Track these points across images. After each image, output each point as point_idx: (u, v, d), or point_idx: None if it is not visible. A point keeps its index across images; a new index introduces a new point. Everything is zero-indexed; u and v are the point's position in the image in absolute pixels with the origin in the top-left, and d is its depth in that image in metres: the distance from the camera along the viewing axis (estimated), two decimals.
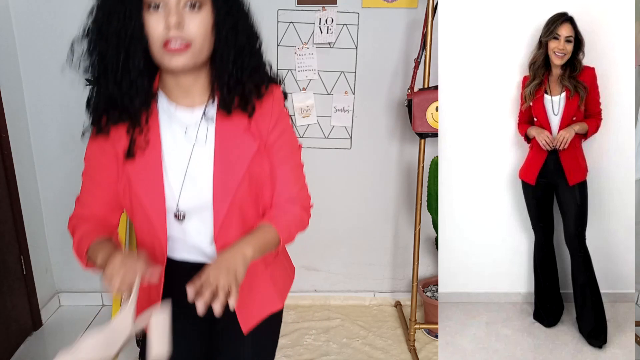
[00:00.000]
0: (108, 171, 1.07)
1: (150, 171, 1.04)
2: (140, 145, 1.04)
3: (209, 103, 1.07)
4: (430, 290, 2.59)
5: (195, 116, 1.07)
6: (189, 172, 1.06)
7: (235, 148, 1.06)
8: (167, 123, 1.07)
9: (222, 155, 1.06)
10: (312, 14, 2.35)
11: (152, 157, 1.04)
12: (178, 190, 1.05)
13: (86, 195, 1.12)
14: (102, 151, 1.07)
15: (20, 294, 2.39)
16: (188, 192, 1.05)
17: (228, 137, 1.06)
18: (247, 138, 1.06)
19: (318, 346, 2.39)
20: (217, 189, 1.05)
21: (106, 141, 1.05)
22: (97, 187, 1.10)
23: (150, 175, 1.04)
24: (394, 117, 2.52)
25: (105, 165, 1.07)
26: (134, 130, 1.03)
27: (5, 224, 2.27)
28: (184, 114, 1.07)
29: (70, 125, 2.43)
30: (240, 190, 1.06)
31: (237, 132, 1.06)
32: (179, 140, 1.06)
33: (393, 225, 2.70)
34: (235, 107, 1.05)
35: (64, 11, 2.30)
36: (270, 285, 1.21)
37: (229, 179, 1.05)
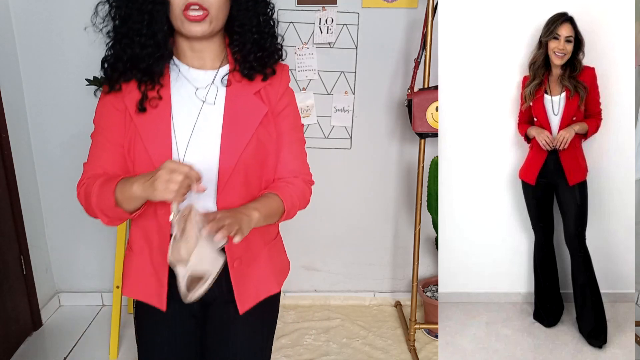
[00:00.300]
0: (118, 130, 1.09)
1: (159, 125, 1.07)
2: (152, 100, 1.07)
3: (222, 67, 1.12)
4: (430, 290, 2.59)
5: (206, 78, 1.11)
6: (196, 129, 1.08)
7: (245, 110, 1.10)
8: (178, 82, 1.11)
9: (231, 115, 1.09)
10: (312, 14, 2.35)
11: (162, 112, 1.08)
12: (184, 147, 1.07)
13: (96, 156, 1.11)
14: (113, 109, 1.09)
15: (20, 294, 2.38)
16: (194, 149, 1.07)
17: (239, 100, 1.10)
18: (258, 102, 1.11)
19: (318, 346, 2.39)
20: (225, 148, 1.08)
21: (117, 98, 1.08)
22: (108, 145, 1.10)
23: (159, 129, 1.07)
24: (394, 117, 2.52)
25: (115, 123, 1.09)
26: (146, 86, 1.07)
27: (5, 224, 2.27)
28: (195, 75, 1.11)
29: (70, 125, 2.43)
30: (246, 152, 1.08)
31: (248, 96, 1.11)
32: (189, 99, 1.10)
33: (393, 225, 2.70)
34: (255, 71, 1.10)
35: (64, 11, 2.30)
36: (268, 266, 1.21)
37: (237, 139, 1.08)
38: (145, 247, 1.15)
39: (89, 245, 2.63)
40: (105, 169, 1.10)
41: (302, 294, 2.75)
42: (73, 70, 2.35)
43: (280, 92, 1.15)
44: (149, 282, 1.15)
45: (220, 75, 1.12)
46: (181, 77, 1.11)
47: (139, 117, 1.07)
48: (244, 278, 1.16)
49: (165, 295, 1.14)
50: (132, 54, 1.04)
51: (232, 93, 1.11)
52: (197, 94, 1.10)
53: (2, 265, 2.24)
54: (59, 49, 2.36)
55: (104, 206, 1.04)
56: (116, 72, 1.07)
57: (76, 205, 2.96)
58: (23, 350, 2.34)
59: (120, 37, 1.05)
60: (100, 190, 1.04)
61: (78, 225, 2.59)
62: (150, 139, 1.06)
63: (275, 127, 1.14)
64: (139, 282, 1.17)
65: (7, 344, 2.26)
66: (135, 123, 1.07)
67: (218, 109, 1.10)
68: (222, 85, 1.12)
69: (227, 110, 1.09)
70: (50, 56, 2.36)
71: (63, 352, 2.33)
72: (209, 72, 1.12)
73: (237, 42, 1.11)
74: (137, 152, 1.07)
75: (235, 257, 1.14)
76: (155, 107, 1.07)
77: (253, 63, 1.10)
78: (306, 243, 2.70)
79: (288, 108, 1.17)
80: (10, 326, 2.28)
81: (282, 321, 2.57)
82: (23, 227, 2.39)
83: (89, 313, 2.63)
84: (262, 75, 1.12)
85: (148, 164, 1.06)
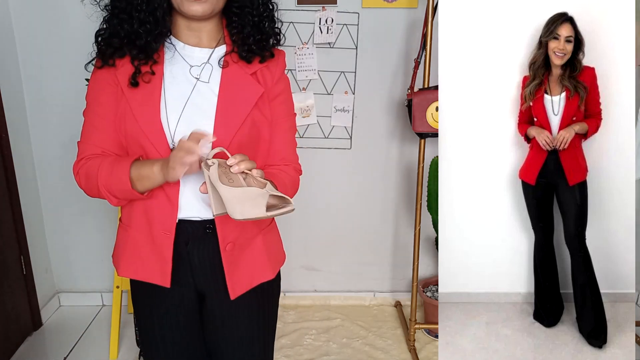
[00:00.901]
0: (110, 105, 1.08)
1: (150, 99, 1.06)
2: (145, 75, 1.06)
3: (218, 46, 1.12)
4: (430, 290, 2.59)
5: (201, 56, 1.11)
6: (188, 105, 1.08)
7: (241, 90, 1.10)
8: (173, 59, 1.10)
9: (227, 94, 1.09)
10: (312, 14, 2.35)
11: (154, 87, 1.07)
12: (175, 122, 1.07)
13: (91, 134, 1.10)
14: (105, 84, 1.08)
15: (20, 294, 2.39)
16: (185, 125, 1.06)
17: (235, 80, 1.10)
18: (254, 82, 1.11)
19: (318, 346, 2.39)
20: (218, 126, 1.07)
21: (109, 72, 1.08)
22: (102, 123, 1.09)
23: (150, 103, 1.06)
24: (394, 117, 2.52)
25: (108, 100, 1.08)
26: (139, 62, 1.06)
27: (5, 224, 2.27)
28: (190, 52, 1.11)
29: (70, 125, 2.42)
30: (240, 132, 1.08)
31: (244, 76, 1.11)
32: (182, 75, 1.10)
33: (393, 225, 2.70)
34: (253, 53, 1.10)
35: (63, 11, 2.30)
36: (263, 253, 1.19)
37: (231, 119, 1.08)
38: (145, 224, 1.12)
39: (89, 245, 2.63)
40: (103, 147, 1.09)
41: (302, 294, 2.75)
42: (73, 70, 2.35)
43: (277, 76, 1.15)
44: (149, 260, 1.13)
45: (216, 54, 1.12)
46: (176, 55, 1.11)
47: (130, 91, 1.06)
48: (237, 262, 1.14)
49: (169, 271, 1.12)
50: (130, 30, 1.04)
51: (228, 73, 1.10)
52: (191, 72, 1.10)
53: (2, 265, 2.24)
54: (59, 49, 2.36)
55: (115, 188, 1.04)
56: (111, 48, 1.06)
57: (76, 205, 2.96)
58: (23, 350, 2.34)
59: (118, 12, 1.04)
60: (109, 171, 1.04)
61: (78, 225, 2.59)
62: (141, 113, 1.05)
63: (270, 111, 1.14)
64: (137, 260, 1.15)
65: (7, 344, 2.26)
66: (127, 97, 1.06)
67: (212, 87, 1.10)
68: (217, 66, 1.11)
69: (223, 89, 1.09)
70: (50, 56, 2.36)
71: (63, 352, 2.33)
72: (205, 50, 1.11)
73: (235, 24, 1.11)
74: (128, 125, 1.06)
75: (228, 240, 1.12)
76: (148, 82, 1.07)
77: (252, 46, 1.10)
78: (306, 243, 2.70)
79: (283, 94, 1.17)
80: (10, 326, 2.29)
81: (282, 321, 2.57)
82: (23, 227, 2.39)
83: (89, 313, 2.63)
84: (260, 57, 1.12)
85: (140, 136, 1.05)
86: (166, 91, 1.08)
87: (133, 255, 1.15)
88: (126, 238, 1.16)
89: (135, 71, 1.06)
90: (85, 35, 2.36)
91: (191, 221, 1.12)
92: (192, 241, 1.12)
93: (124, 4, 1.03)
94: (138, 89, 1.06)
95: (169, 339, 1.20)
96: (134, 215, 1.14)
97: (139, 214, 1.13)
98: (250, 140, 1.10)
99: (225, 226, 1.11)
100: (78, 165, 1.10)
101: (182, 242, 1.12)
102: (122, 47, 1.06)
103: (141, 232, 1.13)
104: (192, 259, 1.14)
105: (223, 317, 1.21)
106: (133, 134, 1.06)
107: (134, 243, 1.15)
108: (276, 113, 1.15)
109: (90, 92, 1.11)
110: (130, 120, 1.06)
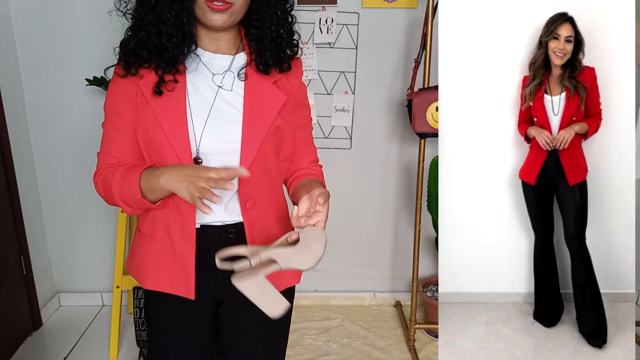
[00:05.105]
0: (129, 116, 1.09)
1: (175, 108, 1.07)
2: (168, 83, 1.07)
3: (237, 53, 1.13)
4: (430, 290, 2.59)
5: (222, 63, 1.12)
6: (213, 112, 1.09)
7: (265, 98, 1.11)
8: (194, 67, 1.11)
9: (252, 103, 1.10)
10: (312, 14, 2.35)
11: (178, 95, 1.08)
12: (200, 130, 1.07)
13: (109, 146, 1.11)
14: (123, 95, 1.09)
15: (20, 294, 2.39)
16: (211, 133, 1.07)
17: (258, 88, 1.11)
18: (277, 91, 1.12)
19: (318, 346, 2.39)
20: (246, 135, 1.08)
21: (129, 82, 1.08)
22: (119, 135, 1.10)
23: (175, 112, 1.07)
24: (394, 117, 2.52)
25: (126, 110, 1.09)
26: (164, 70, 1.07)
27: (5, 224, 2.27)
28: (210, 59, 1.12)
29: (70, 125, 2.42)
30: (267, 140, 1.09)
31: (267, 84, 1.12)
32: (205, 83, 1.10)
33: (393, 225, 2.70)
34: (271, 65, 1.12)
35: (64, 11, 2.30)
36: None
37: (257, 127, 1.09)
38: (166, 236, 1.13)
39: (89, 245, 2.63)
40: (119, 158, 1.10)
41: (302, 294, 2.75)
42: (73, 70, 2.35)
43: (297, 84, 1.18)
44: (172, 271, 1.13)
45: (236, 62, 1.13)
46: (197, 62, 1.12)
47: (154, 100, 1.06)
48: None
49: (193, 283, 1.12)
50: (158, 42, 1.04)
51: (251, 82, 1.11)
52: (213, 80, 1.11)
53: (2, 265, 2.24)
54: (59, 49, 2.36)
55: (128, 197, 1.05)
56: (139, 59, 1.07)
57: (76, 205, 2.97)
58: (23, 350, 2.34)
59: (145, 24, 1.04)
60: (122, 181, 1.05)
61: (78, 225, 2.59)
62: (166, 121, 1.06)
63: (292, 117, 1.16)
64: (163, 272, 1.15)
65: (7, 344, 2.26)
66: (151, 106, 1.06)
67: (235, 95, 1.10)
68: (238, 77, 1.12)
69: (247, 98, 1.10)
70: (50, 56, 2.36)
71: (63, 352, 2.33)
72: (225, 56, 1.12)
73: (253, 36, 1.12)
74: (152, 134, 1.06)
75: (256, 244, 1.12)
76: (172, 90, 1.07)
77: (269, 61, 1.11)
78: None
79: (304, 102, 1.22)
80: (10, 326, 2.29)
81: None
82: (23, 227, 2.39)
83: (89, 313, 2.63)
84: (278, 68, 1.14)
85: (163, 143, 1.06)
86: (190, 100, 1.08)
87: (158, 268, 1.16)
88: (148, 250, 1.17)
89: (159, 80, 1.06)
90: (85, 35, 2.37)
91: (213, 226, 1.12)
92: (215, 247, 1.10)
93: (152, 17, 1.03)
94: (162, 97, 1.07)
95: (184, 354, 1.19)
96: (156, 227, 1.14)
97: (159, 225, 1.13)
98: (275, 147, 1.12)
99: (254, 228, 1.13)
100: (97, 176, 1.12)
101: (204, 248, 1.12)
102: (149, 59, 1.06)
103: (164, 245, 1.14)
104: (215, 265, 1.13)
105: (242, 321, 1.21)
106: (156, 141, 1.06)
107: (157, 256, 1.15)
108: (299, 120, 1.19)
109: (108, 103, 1.12)
110: (154, 127, 1.06)
